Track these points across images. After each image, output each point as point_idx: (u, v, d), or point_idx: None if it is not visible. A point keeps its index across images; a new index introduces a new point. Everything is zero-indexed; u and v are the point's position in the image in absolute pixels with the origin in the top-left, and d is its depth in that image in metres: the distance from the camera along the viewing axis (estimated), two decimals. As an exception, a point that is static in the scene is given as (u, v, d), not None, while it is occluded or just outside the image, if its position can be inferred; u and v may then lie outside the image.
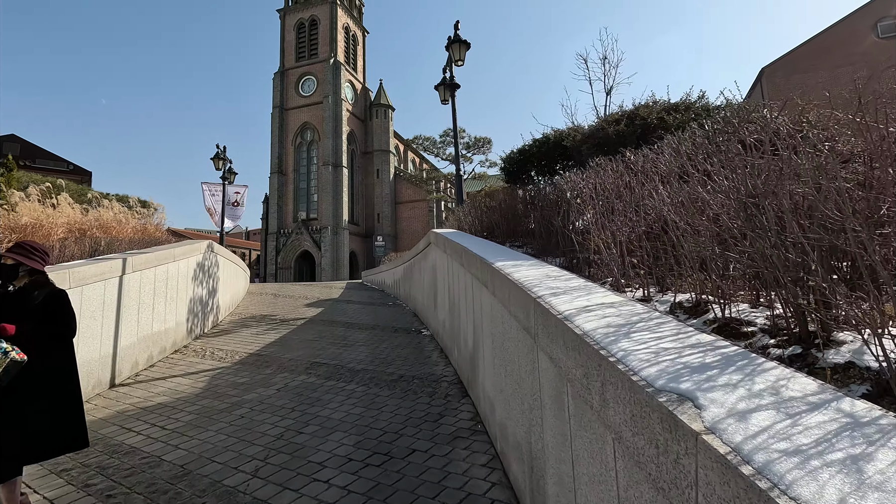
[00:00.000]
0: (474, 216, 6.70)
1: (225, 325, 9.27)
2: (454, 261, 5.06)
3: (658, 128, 4.69)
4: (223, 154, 14.08)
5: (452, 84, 8.43)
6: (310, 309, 11.01)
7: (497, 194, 6.59)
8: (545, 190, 4.32)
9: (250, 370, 5.74)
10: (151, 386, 5.31)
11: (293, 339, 7.56)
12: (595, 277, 2.89)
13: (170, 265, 6.98)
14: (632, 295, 2.43)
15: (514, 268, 2.85)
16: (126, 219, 8.53)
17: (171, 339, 6.92)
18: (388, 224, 50.33)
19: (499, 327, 2.93)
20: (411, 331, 7.87)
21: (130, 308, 5.83)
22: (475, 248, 4.21)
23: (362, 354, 6.25)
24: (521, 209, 5.60)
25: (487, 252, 3.84)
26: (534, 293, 2.06)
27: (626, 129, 4.86)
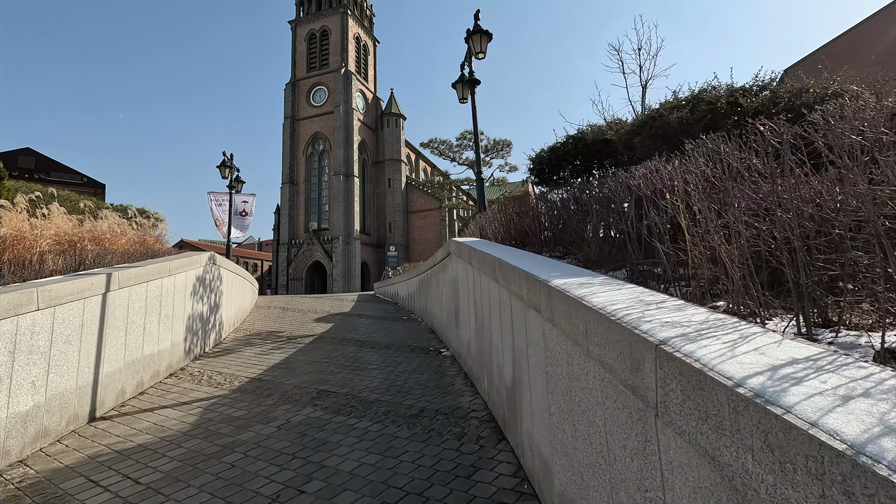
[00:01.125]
0: (500, 222, 5.96)
1: (228, 342, 8.62)
2: (483, 274, 4.32)
3: (729, 114, 3.94)
4: (230, 162, 13.55)
5: (472, 80, 7.75)
6: (319, 324, 10.32)
7: (525, 198, 5.86)
8: (597, 188, 3.58)
9: (249, 400, 5.04)
10: (136, 420, 4.62)
11: (299, 360, 6.86)
12: (691, 297, 2.14)
13: (165, 280, 6.35)
14: (781, 328, 1.67)
15: (581, 287, 2.11)
16: (123, 230, 7.94)
17: (165, 362, 6.26)
18: (400, 234, 49.82)
19: (561, 367, 2.19)
20: (429, 350, 7.12)
21: (116, 329, 5.18)
22: (513, 259, 3.47)
23: (376, 381, 5.52)
24: (555, 213, 4.86)
25: (531, 264, 3.10)
26: (650, 335, 1.32)
27: (691, 115, 4.11)
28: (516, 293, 3.06)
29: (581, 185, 4.42)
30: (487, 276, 4.15)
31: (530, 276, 2.66)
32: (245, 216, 14.62)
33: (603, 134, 5.39)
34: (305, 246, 46.54)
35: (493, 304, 3.95)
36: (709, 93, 4.43)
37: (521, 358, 3.04)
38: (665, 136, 4.18)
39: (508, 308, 3.39)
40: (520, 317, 3.04)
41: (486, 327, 4.34)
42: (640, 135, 4.54)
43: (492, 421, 4.00)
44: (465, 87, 8.25)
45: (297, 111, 49.30)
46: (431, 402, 4.63)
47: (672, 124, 4.17)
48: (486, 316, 4.24)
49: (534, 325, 2.69)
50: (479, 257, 4.49)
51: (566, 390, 2.13)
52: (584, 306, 1.82)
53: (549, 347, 2.40)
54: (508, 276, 3.27)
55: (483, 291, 4.38)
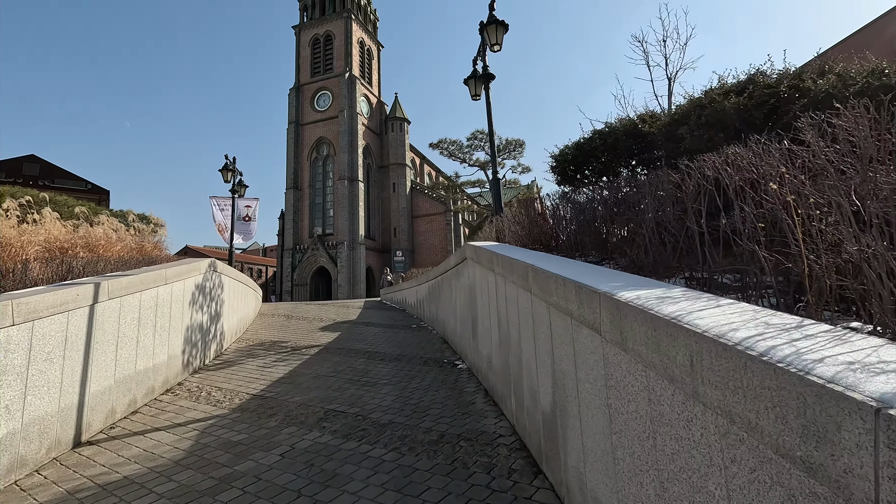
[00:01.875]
0: (521, 224, 5.51)
1: (230, 354, 8.19)
2: (510, 282, 3.87)
3: (794, 98, 3.48)
4: (232, 165, 13.16)
5: (486, 74, 7.32)
6: (325, 334, 9.88)
7: (543, 200, 5.40)
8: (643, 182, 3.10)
9: (250, 421, 4.59)
10: (125, 446, 4.17)
11: (305, 374, 6.41)
12: (813, 314, 1.67)
13: (160, 289, 5.92)
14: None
15: (665, 303, 1.65)
16: (120, 236, 7.54)
17: (161, 377, 5.83)
18: (406, 238, 49.45)
19: (637, 404, 1.73)
20: (443, 363, 6.65)
21: (106, 344, 4.75)
22: (551, 266, 3.02)
23: (388, 398, 5.06)
24: (586, 214, 4.40)
25: (576, 272, 2.64)
26: (853, 391, 0.85)
27: (749, 101, 3.64)
28: (559, 306, 2.60)
29: (619, 181, 3.94)
30: (515, 285, 3.69)
31: (583, 287, 2.21)
32: (249, 221, 14.20)
33: (636, 127, 4.94)
34: (310, 251, 46.21)
35: (523, 316, 3.49)
36: (762, 76, 3.96)
37: (566, 383, 2.57)
38: (719, 124, 3.71)
39: (546, 323, 2.93)
40: (564, 334, 2.58)
41: (512, 342, 3.87)
42: (686, 124, 4.07)
43: (523, 449, 3.53)
44: (477, 83, 7.82)
45: (301, 116, 49.13)
46: (452, 424, 4.16)
47: (728, 111, 3.70)
48: (514, 329, 3.78)
49: (587, 347, 2.23)
50: (504, 263, 4.03)
51: (648, 435, 1.66)
52: (687, 330, 1.36)
53: (614, 377, 1.93)
54: (547, 286, 2.81)
55: (509, 302, 3.92)
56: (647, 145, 4.79)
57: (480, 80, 7.52)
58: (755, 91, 3.74)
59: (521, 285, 3.49)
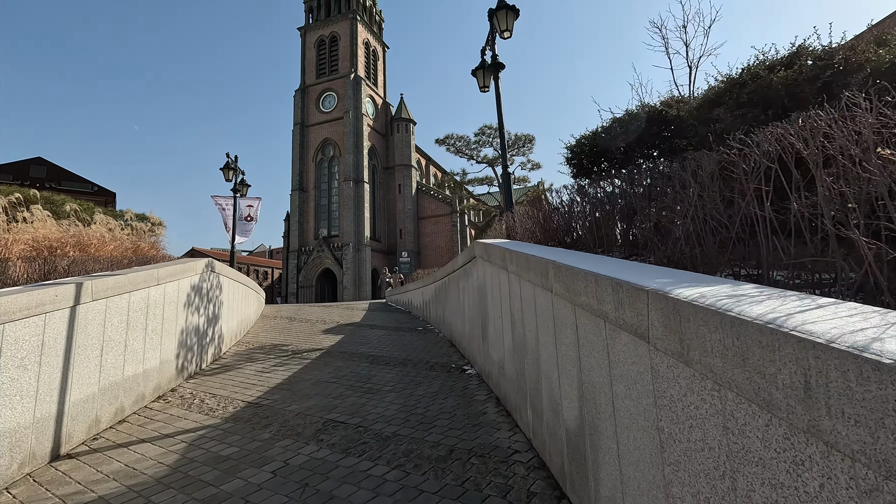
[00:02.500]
0: (535, 220, 5.13)
1: (228, 358, 7.86)
2: (525, 281, 3.50)
3: (851, 71, 3.09)
4: (234, 164, 12.87)
5: (496, 64, 6.96)
6: (327, 337, 9.53)
7: (564, 191, 5.03)
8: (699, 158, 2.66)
9: (243, 432, 4.24)
10: (105, 460, 3.84)
11: (304, 379, 6.06)
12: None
13: (152, 290, 5.60)
14: None
15: (739, 302, 1.27)
16: (114, 235, 7.24)
17: (152, 383, 5.50)
18: (411, 240, 49.16)
19: (706, 431, 1.35)
20: (451, 368, 6.28)
21: (90, 348, 4.43)
22: (577, 262, 2.64)
23: (392, 407, 4.69)
24: (603, 206, 4.02)
25: (609, 268, 2.27)
26: None
27: (799, 75, 3.25)
28: (590, 307, 2.23)
29: (646, 167, 3.56)
30: (532, 284, 3.32)
31: (623, 285, 1.83)
32: (250, 221, 13.87)
33: (660, 113, 4.55)
34: (315, 253, 46.02)
35: (542, 319, 3.12)
36: (807, 50, 3.56)
37: (598, 397, 2.20)
38: (764, 101, 3.32)
39: (571, 326, 2.56)
40: (595, 340, 2.20)
41: (529, 347, 3.50)
42: (724, 105, 3.69)
43: (542, 468, 3.15)
44: (486, 74, 7.46)
45: (306, 117, 49.02)
46: (461, 437, 3.79)
47: (775, 87, 3.30)
48: (531, 333, 3.41)
49: (627, 356, 1.86)
50: (518, 260, 3.66)
51: (722, 474, 1.28)
52: (798, 339, 0.98)
53: (667, 394, 1.56)
54: (573, 285, 2.44)
55: (525, 302, 3.55)
56: (674, 132, 4.40)
57: (489, 71, 7.15)
58: (804, 65, 3.34)
59: (540, 284, 3.12)
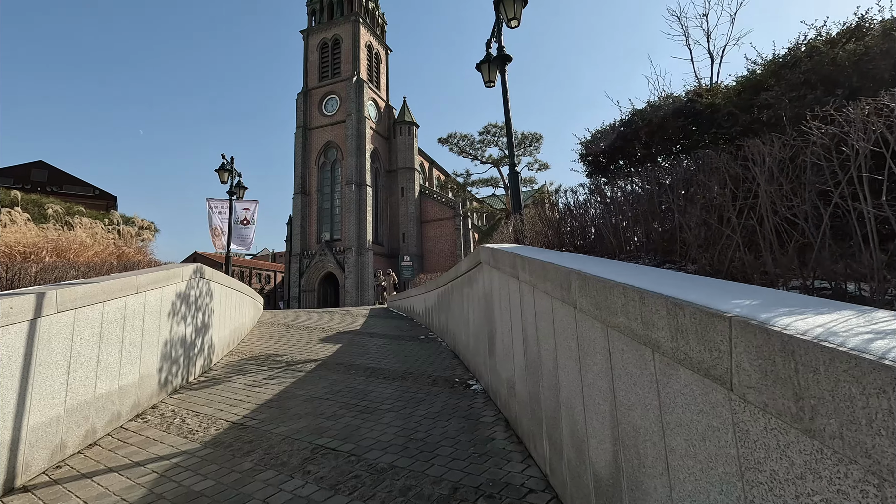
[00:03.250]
0: (548, 222, 4.67)
1: (219, 369, 7.42)
2: (542, 293, 3.04)
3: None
4: (230, 165, 12.45)
5: (502, 56, 6.51)
6: (325, 346, 9.07)
7: (581, 189, 4.57)
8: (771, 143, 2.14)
9: (222, 460, 3.78)
10: (63, 495, 3.38)
11: (296, 395, 5.60)
12: None
13: (130, 298, 5.16)
14: None
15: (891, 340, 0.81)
16: (96, 239, 6.82)
17: (130, 401, 5.06)
18: (414, 244, 48.74)
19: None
20: (455, 384, 5.81)
21: (54, 365, 3.98)
22: (610, 272, 2.19)
23: (390, 430, 4.22)
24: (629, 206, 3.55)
25: (655, 281, 1.81)
26: None
27: (870, 49, 2.77)
28: (630, 331, 1.77)
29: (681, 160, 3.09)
30: (550, 296, 2.86)
31: (686, 308, 1.37)
32: (248, 224, 13.43)
33: (687, 103, 4.09)
34: (317, 257, 45.64)
35: (562, 338, 2.65)
36: (884, 21, 3.09)
37: (643, 446, 1.73)
38: (826, 81, 2.87)
39: (602, 351, 2.09)
40: (638, 373, 1.74)
41: (545, 368, 3.03)
42: (772, 88, 3.23)
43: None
44: (492, 68, 7.02)
45: (308, 120, 48.76)
46: (467, 471, 3.32)
47: (840, 62, 2.86)
48: (548, 353, 2.94)
49: (692, 401, 1.39)
50: (533, 268, 3.20)
51: None
52: None
53: (763, 467, 1.09)
54: (607, 301, 1.98)
55: (541, 317, 3.09)
56: (702, 124, 3.94)
57: (495, 64, 6.70)
58: (872, 38, 2.88)
59: (560, 297, 2.65)
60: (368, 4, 52.07)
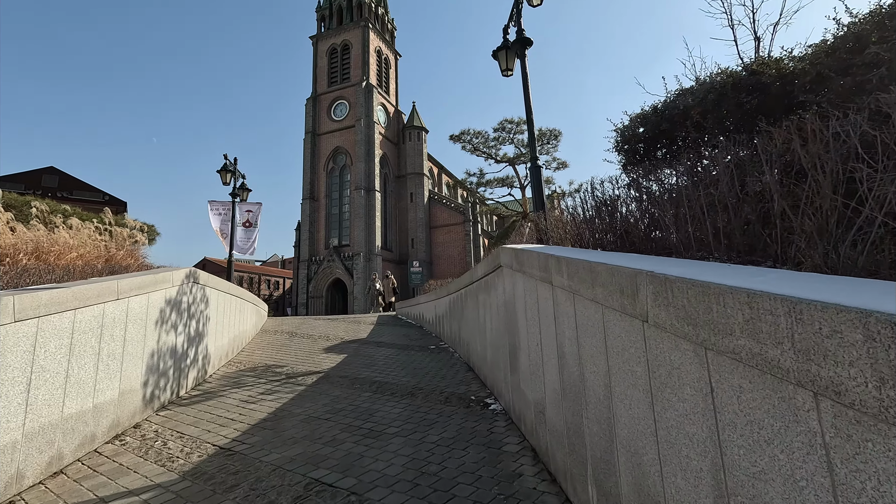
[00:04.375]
0: (580, 220, 4.05)
1: (214, 382, 6.87)
2: (586, 300, 2.43)
3: None
4: (233, 166, 11.99)
5: (522, 40, 5.94)
6: (328, 357, 8.49)
7: (622, 177, 3.95)
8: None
9: (199, 498, 3.20)
10: (4, 542, 2.82)
11: (294, 414, 5.02)
12: None
13: (109, 305, 4.63)
14: None
15: None
16: (82, 241, 6.32)
17: (107, 420, 4.51)
18: (423, 250, 48.19)
19: None
20: (470, 402, 5.19)
21: (9, 383, 3.44)
22: (722, 275, 1.58)
23: (397, 462, 3.61)
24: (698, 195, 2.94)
25: (812, 285, 1.20)
26: None
27: None
28: (770, 363, 1.16)
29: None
30: (600, 305, 2.25)
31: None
32: (249, 227, 12.92)
33: (750, 76, 3.49)
34: (326, 263, 45.23)
35: (621, 358, 2.04)
36: None
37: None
38: None
39: (698, 382, 1.48)
40: (783, 425, 1.13)
41: (591, 395, 2.42)
42: (887, 41, 2.63)
43: None
44: (509, 55, 6.45)
45: (317, 126, 48.59)
46: (492, 520, 2.70)
47: None
48: (596, 376, 2.32)
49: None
50: (576, 270, 2.59)
51: None
52: None
53: None
54: (711, 316, 1.37)
55: (585, 330, 2.47)
56: (765, 101, 3.32)
57: (514, 49, 6.12)
58: None
59: (617, 306, 2.05)
60: (378, 10, 51.99)
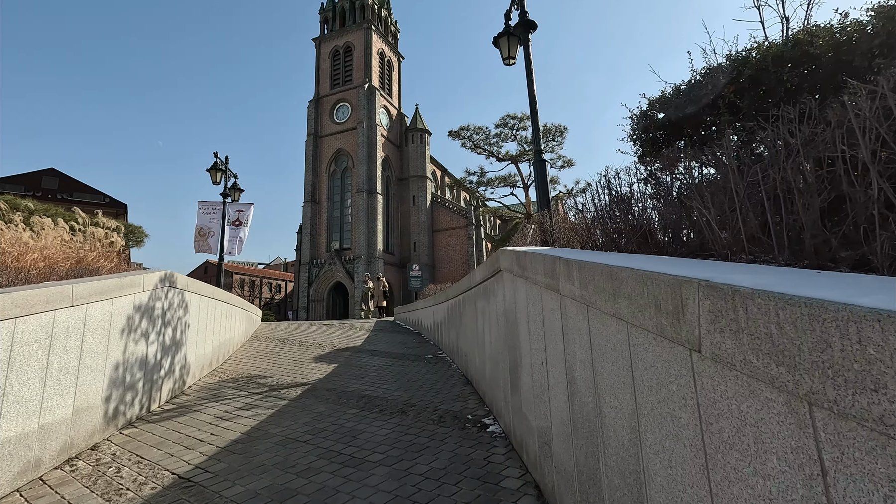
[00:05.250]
0: (590, 217, 3.53)
1: (192, 393, 6.37)
2: (603, 314, 1.91)
3: None
4: (223, 165, 11.52)
5: (525, 23, 5.43)
6: (318, 366, 7.97)
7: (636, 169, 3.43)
8: None
9: (138, 546, 2.68)
10: None
11: (269, 435, 4.50)
12: None
13: (61, 312, 4.13)
14: None
15: None
16: (46, 242, 5.84)
17: (57, 442, 4.00)
18: (425, 253, 47.70)
19: None
20: (466, 422, 4.65)
21: (-75, 405, 2.94)
22: (812, 288, 1.05)
23: (377, 501, 3.08)
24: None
25: None
26: None
27: None
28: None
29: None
30: (625, 323, 1.73)
31: None
32: (238, 226, 12.38)
33: (796, 47, 2.98)
34: (327, 266, 44.78)
35: (657, 396, 1.51)
36: None
37: None
38: None
39: (803, 453, 0.95)
40: None
41: (612, 435, 1.89)
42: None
43: None
44: (511, 41, 5.94)
45: (319, 128, 48.28)
46: (485, 588, 2.17)
47: None
48: (618, 412, 1.80)
49: None
50: (590, 278, 2.07)
51: None
52: None
53: None
54: (854, 365, 0.85)
55: (602, 352, 1.95)
56: (827, 68, 2.80)
57: (517, 34, 5.62)
58: None
59: (651, 326, 1.52)
60: (381, 12, 51.73)
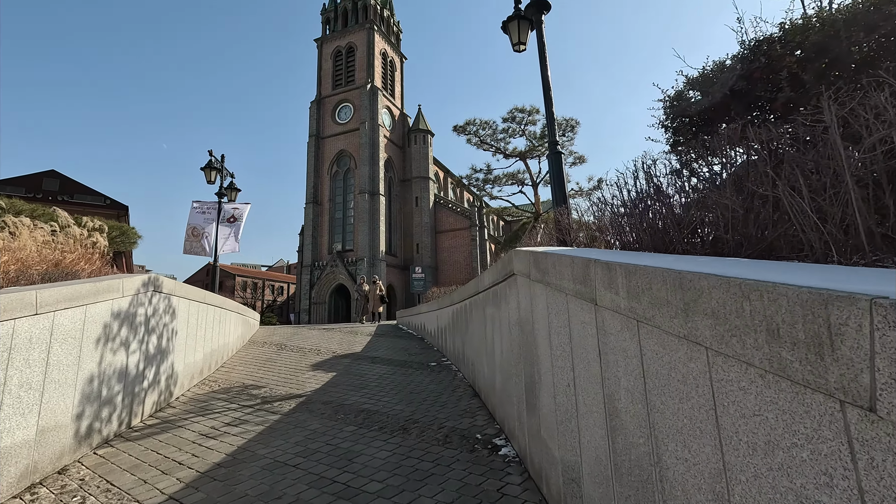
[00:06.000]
0: (616, 213, 3.07)
1: (179, 406, 5.92)
2: (663, 332, 1.43)
3: None
4: (219, 164, 11.10)
5: (538, 3, 4.98)
6: (315, 375, 7.52)
7: (664, 163, 2.98)
8: None
9: None
10: None
11: (257, 456, 4.04)
12: None
13: (22, 322, 3.69)
14: None
15: None
16: (23, 242, 5.41)
17: (17, 468, 3.56)
18: (428, 255, 47.23)
19: None
20: (475, 442, 4.18)
21: None
22: None
23: (374, 546, 2.61)
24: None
25: None
26: None
27: None
28: None
29: None
30: (708, 351, 1.26)
31: None
32: (233, 222, 11.88)
33: (876, 10, 2.52)
34: (329, 268, 44.36)
35: (764, 456, 1.03)
36: None
37: None
38: None
39: None
40: None
41: (684, 496, 1.42)
42: None
43: None
44: (522, 25, 5.49)
45: (321, 129, 47.93)
46: None
47: None
48: (696, 470, 1.32)
49: None
50: (650, 286, 1.60)
51: None
52: None
53: None
54: None
55: (666, 382, 1.48)
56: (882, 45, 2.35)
57: (528, 16, 5.17)
58: None
59: (772, 363, 1.05)
60: (383, 12, 51.40)
